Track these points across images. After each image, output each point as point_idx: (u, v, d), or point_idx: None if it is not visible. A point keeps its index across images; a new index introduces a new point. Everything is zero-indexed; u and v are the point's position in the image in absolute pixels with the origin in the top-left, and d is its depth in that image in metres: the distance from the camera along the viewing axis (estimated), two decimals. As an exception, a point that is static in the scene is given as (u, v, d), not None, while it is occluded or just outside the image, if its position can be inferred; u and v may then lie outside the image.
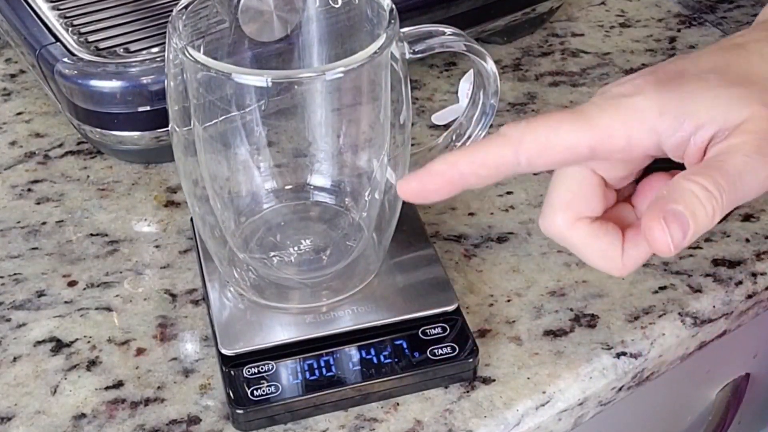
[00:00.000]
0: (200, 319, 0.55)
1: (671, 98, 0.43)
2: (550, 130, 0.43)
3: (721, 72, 0.44)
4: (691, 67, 0.44)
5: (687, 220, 0.40)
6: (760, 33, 0.47)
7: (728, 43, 0.47)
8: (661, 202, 0.40)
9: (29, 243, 0.60)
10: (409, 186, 0.44)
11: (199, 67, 0.45)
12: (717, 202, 0.41)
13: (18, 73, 0.75)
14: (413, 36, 0.49)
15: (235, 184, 0.53)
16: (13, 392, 0.51)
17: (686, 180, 0.41)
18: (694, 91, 0.43)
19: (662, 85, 0.43)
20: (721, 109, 0.42)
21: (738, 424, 0.72)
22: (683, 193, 0.40)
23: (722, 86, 0.43)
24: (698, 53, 0.46)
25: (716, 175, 0.41)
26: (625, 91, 0.43)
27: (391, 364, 0.50)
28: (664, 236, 0.40)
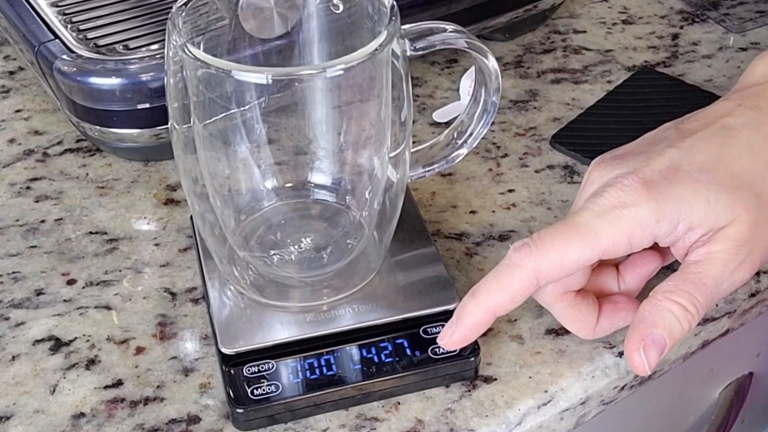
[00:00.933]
0: (200, 318, 0.55)
1: (668, 205, 0.47)
2: (562, 253, 0.47)
3: (712, 171, 0.48)
4: (684, 162, 0.48)
5: (665, 341, 0.46)
6: (750, 113, 0.51)
7: (720, 121, 0.50)
8: (641, 327, 0.46)
9: (28, 241, 0.60)
10: (451, 339, 0.49)
11: (198, 64, 0.44)
12: (693, 317, 0.47)
13: (17, 71, 0.75)
14: (414, 33, 0.49)
15: (235, 182, 0.53)
16: (11, 391, 0.51)
17: (666, 300, 0.47)
18: (688, 196, 0.47)
19: (658, 190, 0.47)
20: (711, 215, 0.47)
21: (741, 423, 0.72)
22: (663, 314, 0.46)
23: (713, 190, 0.47)
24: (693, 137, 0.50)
25: (694, 291, 0.47)
26: (624, 199, 0.47)
27: (392, 363, 0.50)
28: (642, 364, 0.46)
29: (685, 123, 0.51)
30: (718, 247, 0.47)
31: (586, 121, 0.69)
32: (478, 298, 0.48)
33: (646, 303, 0.47)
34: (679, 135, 0.50)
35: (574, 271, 0.47)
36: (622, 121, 0.68)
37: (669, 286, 0.47)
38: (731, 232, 0.47)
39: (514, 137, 0.68)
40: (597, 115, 0.69)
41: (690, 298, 0.47)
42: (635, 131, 0.66)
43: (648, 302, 0.47)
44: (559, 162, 0.66)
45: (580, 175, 0.64)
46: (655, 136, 0.52)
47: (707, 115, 0.51)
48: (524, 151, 0.67)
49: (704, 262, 0.47)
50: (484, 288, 0.48)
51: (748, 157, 0.49)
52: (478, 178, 0.64)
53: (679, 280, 0.47)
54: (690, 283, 0.47)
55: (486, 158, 0.66)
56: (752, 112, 0.51)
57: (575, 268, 0.47)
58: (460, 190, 0.63)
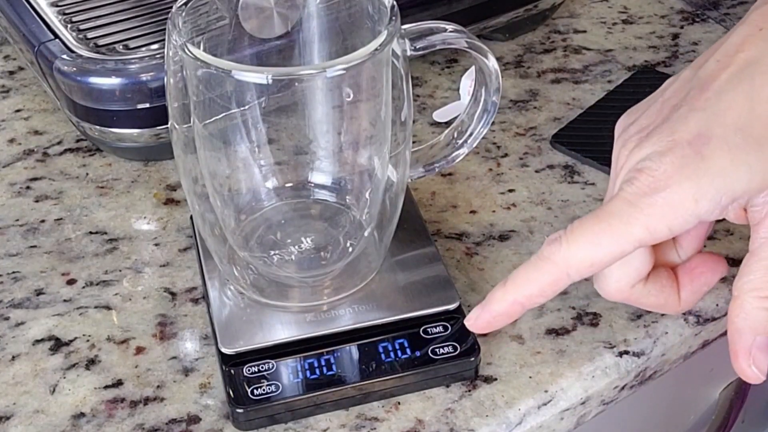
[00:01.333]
0: (200, 318, 0.55)
1: (704, 183, 0.43)
2: (593, 247, 0.44)
3: (747, 128, 0.43)
4: (714, 125, 0.44)
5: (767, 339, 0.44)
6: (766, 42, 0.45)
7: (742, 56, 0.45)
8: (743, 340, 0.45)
9: (28, 241, 0.60)
10: (478, 321, 0.48)
11: (199, 64, 0.44)
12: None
13: (17, 70, 0.75)
14: (414, 33, 0.49)
15: (235, 182, 0.53)
16: (11, 391, 0.51)
17: (756, 299, 0.44)
18: (725, 168, 0.43)
19: (691, 168, 0.43)
20: (757, 178, 0.43)
21: (741, 423, 0.72)
22: (758, 315, 0.44)
23: (752, 151, 0.43)
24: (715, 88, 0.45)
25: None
26: (656, 184, 0.44)
27: (392, 363, 0.50)
28: (757, 375, 0.45)
29: (704, 68, 0.46)
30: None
31: (587, 121, 0.69)
32: (508, 287, 0.46)
33: (737, 308, 0.45)
34: (700, 89, 0.45)
35: (609, 264, 0.45)
36: (622, 120, 0.68)
37: (754, 282, 0.44)
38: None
39: (514, 137, 0.68)
40: (597, 114, 0.69)
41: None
42: (635, 131, 0.66)
43: (738, 307, 0.45)
44: (560, 162, 0.66)
45: (580, 175, 0.64)
46: (676, 92, 0.47)
47: (726, 51, 0.46)
48: (524, 151, 0.67)
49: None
50: (516, 278, 0.46)
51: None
52: (478, 178, 0.64)
53: (761, 270, 0.44)
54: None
55: (486, 158, 0.66)
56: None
57: (609, 262, 0.45)
58: (460, 189, 0.63)
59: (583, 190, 0.63)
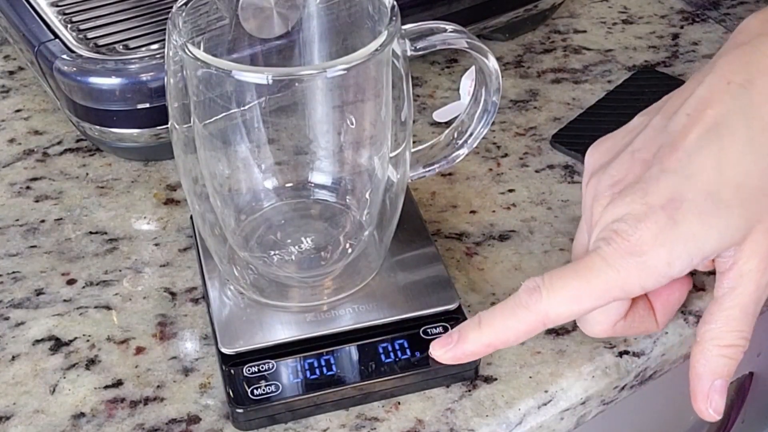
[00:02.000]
0: (200, 318, 0.55)
1: (677, 249, 0.45)
2: (571, 302, 0.46)
3: (716, 193, 0.46)
4: (685, 190, 0.46)
5: (726, 383, 0.47)
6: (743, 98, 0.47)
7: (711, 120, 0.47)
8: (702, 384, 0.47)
9: (28, 241, 0.60)
10: (443, 358, 0.48)
11: (199, 64, 0.44)
12: (744, 347, 0.47)
13: (17, 70, 0.75)
14: (415, 33, 0.48)
15: (235, 182, 0.53)
16: (11, 391, 0.51)
17: (716, 347, 0.47)
18: (696, 233, 0.46)
19: (665, 234, 0.45)
20: (725, 239, 0.46)
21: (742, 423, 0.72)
22: (718, 362, 0.47)
23: (722, 215, 0.46)
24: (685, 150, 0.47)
25: (738, 325, 0.47)
26: (632, 249, 0.46)
27: (392, 363, 0.50)
28: (713, 415, 0.47)
29: (673, 121, 0.48)
30: (747, 266, 0.46)
31: (587, 121, 0.69)
32: (484, 330, 0.47)
33: (698, 354, 0.48)
34: (671, 147, 0.47)
35: (585, 314, 0.48)
36: (622, 121, 0.68)
37: (715, 331, 0.47)
38: (753, 247, 0.46)
39: (514, 137, 0.68)
40: (597, 114, 0.69)
41: (738, 335, 0.47)
42: (635, 131, 0.66)
43: (700, 353, 0.48)
44: (560, 162, 0.66)
45: (580, 175, 0.64)
46: (646, 142, 0.49)
47: (696, 107, 0.48)
48: (524, 151, 0.67)
49: (738, 287, 0.47)
50: (490, 320, 0.47)
51: (750, 156, 0.46)
52: (478, 178, 0.64)
53: (722, 320, 0.47)
54: (733, 321, 0.47)
55: (486, 158, 0.66)
56: (742, 92, 0.47)
57: (585, 314, 0.48)
58: (460, 189, 0.63)
59: (583, 190, 0.63)
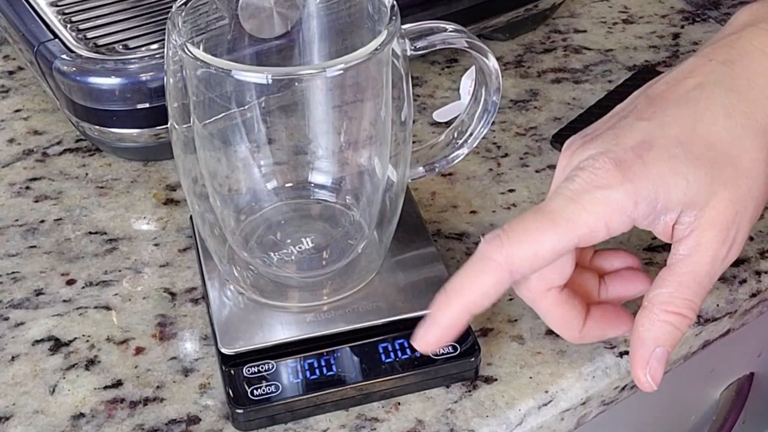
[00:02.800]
0: (200, 318, 0.55)
1: (644, 186, 0.44)
2: (535, 243, 0.44)
3: (688, 144, 0.45)
4: (657, 135, 0.46)
5: (667, 353, 0.46)
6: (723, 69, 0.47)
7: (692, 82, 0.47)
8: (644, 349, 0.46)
9: (27, 241, 0.60)
10: (425, 341, 0.46)
11: (198, 64, 0.44)
12: (691, 320, 0.46)
13: (16, 70, 0.75)
14: (414, 33, 0.48)
15: (235, 182, 0.53)
16: (11, 392, 0.51)
17: (663, 312, 0.46)
18: (665, 174, 0.45)
19: (632, 170, 0.44)
20: (690, 193, 0.45)
21: (743, 424, 0.72)
22: (663, 328, 0.46)
23: (690, 166, 0.45)
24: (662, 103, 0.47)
25: (689, 294, 0.45)
26: (597, 181, 0.44)
27: (393, 364, 0.50)
28: (650, 384, 0.46)
29: (653, 87, 0.49)
30: (705, 236, 0.45)
31: (587, 121, 0.68)
32: (450, 295, 0.45)
33: (643, 318, 0.46)
34: (647, 104, 0.47)
35: (550, 261, 0.45)
36: (622, 120, 0.68)
37: (663, 295, 0.46)
38: (714, 215, 0.45)
39: (514, 137, 0.68)
40: (598, 114, 0.69)
41: (687, 304, 0.45)
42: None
43: (645, 317, 0.46)
44: (560, 162, 0.65)
45: (580, 175, 0.64)
46: (624, 108, 0.49)
47: (676, 76, 0.48)
48: (525, 151, 0.66)
49: (694, 255, 0.45)
50: (457, 284, 0.45)
51: (724, 121, 0.46)
52: (478, 178, 0.64)
53: (673, 285, 0.45)
54: (685, 288, 0.45)
55: (486, 158, 0.66)
56: (723, 68, 0.47)
57: (551, 258, 0.44)
58: (460, 190, 0.63)
59: (583, 190, 0.63)
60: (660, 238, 0.47)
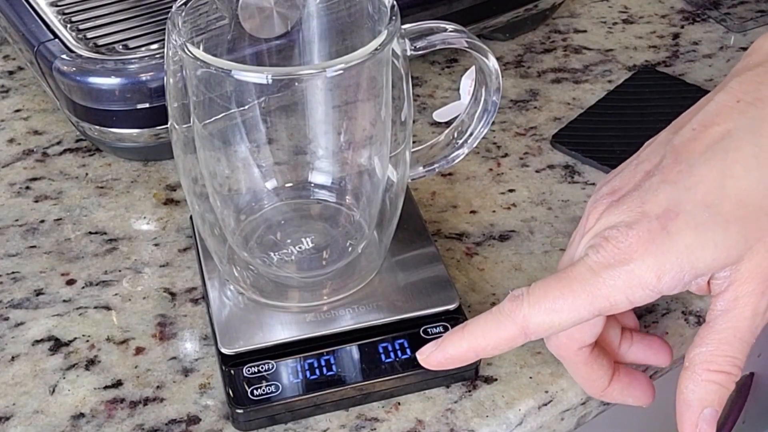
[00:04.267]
0: (200, 318, 0.55)
1: (668, 260, 0.43)
2: (553, 312, 0.44)
3: (716, 206, 0.43)
4: (683, 200, 0.44)
5: (716, 412, 0.44)
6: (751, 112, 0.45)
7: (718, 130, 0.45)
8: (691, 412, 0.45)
9: (27, 241, 0.60)
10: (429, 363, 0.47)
11: (198, 63, 0.44)
12: (736, 376, 0.44)
13: (16, 70, 0.75)
14: (414, 32, 0.48)
15: (235, 182, 0.53)
16: (11, 392, 0.51)
17: (706, 372, 0.44)
18: (691, 245, 0.43)
19: (656, 243, 0.43)
20: (721, 257, 0.43)
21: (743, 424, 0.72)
22: (708, 388, 0.44)
23: (719, 230, 0.43)
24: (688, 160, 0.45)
25: (731, 351, 0.44)
26: (621, 256, 0.43)
27: (393, 363, 0.50)
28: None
29: (679, 134, 0.46)
30: (743, 289, 0.43)
31: (587, 121, 0.69)
32: (466, 335, 0.46)
33: (686, 380, 0.45)
34: (674, 159, 0.45)
35: (567, 328, 0.45)
36: (622, 120, 0.68)
37: (706, 355, 0.44)
38: (751, 267, 0.43)
39: (514, 137, 0.68)
40: (597, 114, 0.69)
41: (730, 361, 0.44)
42: (636, 131, 0.66)
43: (689, 379, 0.45)
44: (560, 162, 0.65)
45: (580, 175, 0.64)
46: (650, 154, 0.47)
47: (702, 121, 0.46)
48: (525, 151, 0.66)
49: (732, 311, 0.44)
50: (474, 327, 0.46)
51: (756, 172, 0.44)
52: (478, 178, 0.64)
53: (714, 343, 0.44)
54: (726, 345, 0.44)
55: (486, 158, 0.66)
56: (753, 110, 0.45)
57: (567, 327, 0.45)
58: (460, 190, 0.63)
59: (583, 190, 0.63)
60: (696, 293, 0.46)
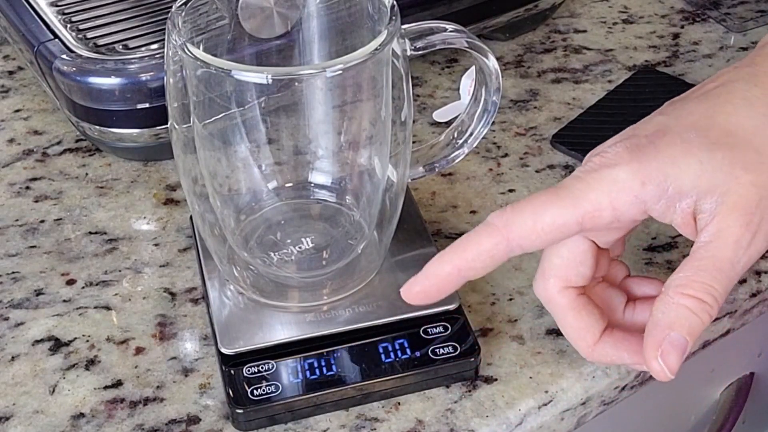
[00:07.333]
0: (200, 318, 0.55)
1: (653, 166, 0.43)
2: (536, 213, 0.44)
3: (703, 129, 0.44)
4: (672, 124, 0.45)
5: (684, 340, 0.42)
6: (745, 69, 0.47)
7: (713, 84, 0.47)
8: (656, 332, 0.43)
9: (27, 241, 0.60)
10: (411, 291, 0.46)
11: (198, 63, 0.44)
12: (711, 308, 0.42)
13: (16, 70, 0.75)
14: (414, 32, 0.48)
15: (235, 182, 0.53)
16: (11, 392, 0.51)
17: (678, 295, 0.42)
18: (676, 156, 0.43)
19: (642, 152, 0.43)
20: (705, 176, 0.43)
21: (743, 424, 0.72)
22: (678, 311, 0.42)
23: (704, 149, 0.43)
24: (682, 101, 0.47)
25: (709, 279, 0.42)
26: (606, 161, 0.44)
27: (393, 364, 0.50)
28: (662, 370, 0.43)
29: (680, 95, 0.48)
30: (726, 221, 0.42)
31: (587, 121, 0.69)
32: (446, 252, 0.45)
33: (659, 302, 0.43)
34: (670, 103, 0.47)
35: (551, 236, 0.44)
36: (622, 120, 0.67)
37: (681, 278, 0.43)
38: (736, 199, 0.42)
39: (514, 137, 0.68)
40: (597, 114, 0.69)
41: (706, 288, 0.42)
42: (636, 131, 0.66)
43: (660, 301, 0.43)
44: (560, 162, 0.65)
45: (580, 175, 0.64)
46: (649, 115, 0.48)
47: (699, 85, 0.48)
48: (525, 151, 0.66)
49: (714, 242, 0.43)
50: (456, 243, 0.45)
51: (746, 111, 0.44)
52: (478, 178, 0.64)
53: (691, 269, 0.43)
54: (703, 272, 0.42)
55: (486, 158, 0.66)
56: (746, 68, 0.47)
57: (551, 232, 0.44)
58: (460, 190, 0.63)
59: (583, 190, 0.63)
60: (683, 233, 0.45)
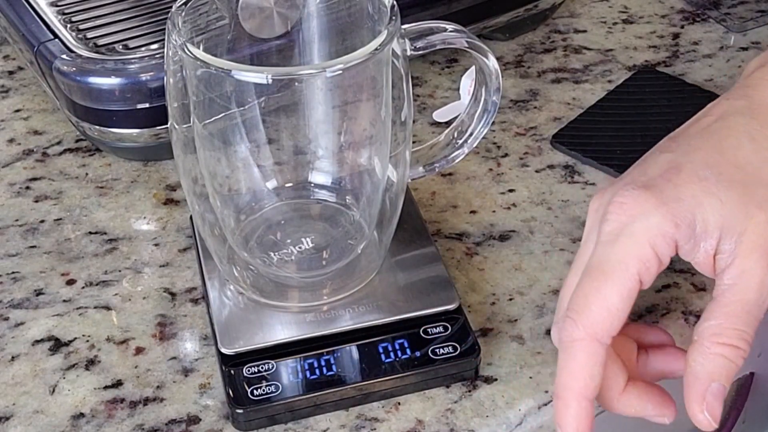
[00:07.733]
0: (200, 318, 0.55)
1: (679, 207, 0.44)
2: (602, 302, 0.44)
3: (715, 166, 0.45)
4: (683, 161, 0.45)
5: (724, 388, 0.44)
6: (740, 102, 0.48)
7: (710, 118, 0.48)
8: (699, 385, 0.44)
9: (27, 241, 0.60)
10: None
11: (198, 63, 0.44)
12: (745, 352, 0.44)
13: (16, 70, 0.75)
14: (414, 32, 0.48)
15: (235, 182, 0.53)
16: (11, 392, 0.51)
17: (714, 345, 0.44)
18: (698, 196, 0.44)
19: (664, 193, 0.44)
20: (726, 215, 0.44)
21: (743, 424, 0.72)
22: (716, 361, 0.44)
23: (722, 187, 0.44)
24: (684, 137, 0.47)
25: (740, 324, 0.44)
26: (629, 211, 0.44)
27: (393, 364, 0.50)
28: (709, 422, 0.44)
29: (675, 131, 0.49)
30: (748, 262, 0.44)
31: (587, 121, 0.69)
32: (561, 395, 0.44)
33: (695, 353, 0.44)
34: (671, 139, 0.48)
35: (626, 310, 0.44)
36: (622, 120, 0.68)
37: (714, 327, 0.44)
38: (754, 239, 0.44)
39: (514, 137, 0.68)
40: (597, 114, 0.69)
41: (739, 334, 0.44)
42: (636, 131, 0.66)
43: (696, 351, 0.44)
44: (560, 162, 0.65)
45: (580, 175, 0.64)
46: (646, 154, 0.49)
47: (695, 117, 0.49)
48: (525, 151, 0.66)
49: (739, 284, 0.44)
50: (560, 382, 0.44)
51: (750, 145, 0.46)
52: (478, 178, 0.64)
53: (722, 316, 0.44)
54: (734, 317, 0.44)
55: (486, 158, 0.66)
56: (742, 101, 0.48)
57: (624, 307, 0.44)
58: (460, 189, 0.63)
59: (583, 190, 0.63)
60: (701, 271, 0.46)
